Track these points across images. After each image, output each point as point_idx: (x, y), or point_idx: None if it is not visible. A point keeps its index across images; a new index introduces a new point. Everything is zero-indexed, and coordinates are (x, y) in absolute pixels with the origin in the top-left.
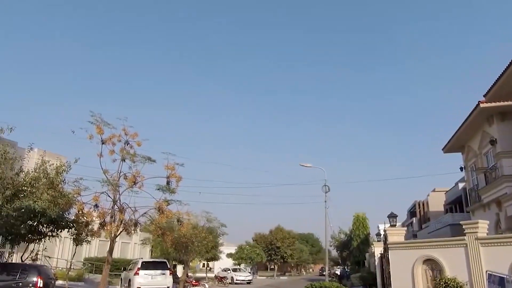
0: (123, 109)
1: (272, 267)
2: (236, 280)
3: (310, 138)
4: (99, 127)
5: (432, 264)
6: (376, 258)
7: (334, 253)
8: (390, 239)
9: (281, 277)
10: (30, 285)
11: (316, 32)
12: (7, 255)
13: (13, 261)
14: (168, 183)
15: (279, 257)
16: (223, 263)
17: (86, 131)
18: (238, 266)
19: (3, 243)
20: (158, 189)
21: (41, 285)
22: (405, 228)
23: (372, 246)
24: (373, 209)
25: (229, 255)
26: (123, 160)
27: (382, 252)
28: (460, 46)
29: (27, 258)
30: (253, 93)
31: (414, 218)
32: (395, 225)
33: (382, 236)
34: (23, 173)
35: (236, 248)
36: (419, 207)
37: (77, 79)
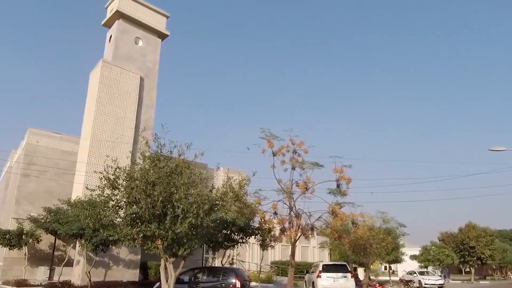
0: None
1: (467, 270)
2: (425, 284)
3: (498, 118)
4: (269, 141)
5: None
6: None
7: None
8: None
9: (480, 282)
10: (230, 286)
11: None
12: (211, 260)
13: (216, 265)
14: (338, 186)
15: (475, 258)
16: (407, 265)
17: (258, 146)
18: (425, 268)
19: (207, 250)
20: (329, 193)
21: (239, 286)
22: None
23: None
24: None
25: (413, 257)
26: (293, 168)
27: None
28: None
29: (225, 262)
30: (419, 82)
31: None
32: None
33: None
34: (215, 189)
35: (420, 249)
36: None
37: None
